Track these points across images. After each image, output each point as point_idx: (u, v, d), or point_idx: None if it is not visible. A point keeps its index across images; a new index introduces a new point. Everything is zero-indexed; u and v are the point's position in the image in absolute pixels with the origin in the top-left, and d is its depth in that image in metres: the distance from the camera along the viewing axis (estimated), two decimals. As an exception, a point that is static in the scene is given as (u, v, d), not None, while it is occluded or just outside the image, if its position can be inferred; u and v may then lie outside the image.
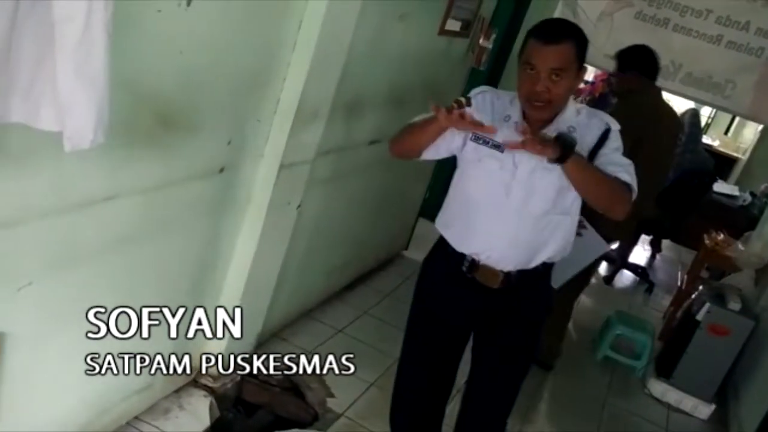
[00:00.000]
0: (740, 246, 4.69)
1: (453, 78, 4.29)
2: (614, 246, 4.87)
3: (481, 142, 2.00)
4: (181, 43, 1.88)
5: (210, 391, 2.73)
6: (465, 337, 2.23)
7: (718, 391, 3.99)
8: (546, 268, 2.12)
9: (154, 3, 1.70)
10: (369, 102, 3.25)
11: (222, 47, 2.07)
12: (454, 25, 3.83)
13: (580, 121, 2.00)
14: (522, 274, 2.06)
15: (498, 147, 1.98)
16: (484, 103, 2.03)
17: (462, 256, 2.07)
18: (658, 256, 6.48)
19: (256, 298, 2.77)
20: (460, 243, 2.08)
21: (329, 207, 3.31)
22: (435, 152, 2.07)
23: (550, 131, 1.92)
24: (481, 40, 4.29)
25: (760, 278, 4.43)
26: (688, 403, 3.96)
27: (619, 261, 5.76)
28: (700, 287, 4.24)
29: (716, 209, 6.34)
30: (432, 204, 5.29)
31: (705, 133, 9.15)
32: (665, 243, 6.66)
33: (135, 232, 2.04)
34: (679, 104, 6.17)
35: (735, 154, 9.00)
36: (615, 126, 2.03)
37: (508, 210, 2.00)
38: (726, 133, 9.81)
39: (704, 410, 3.95)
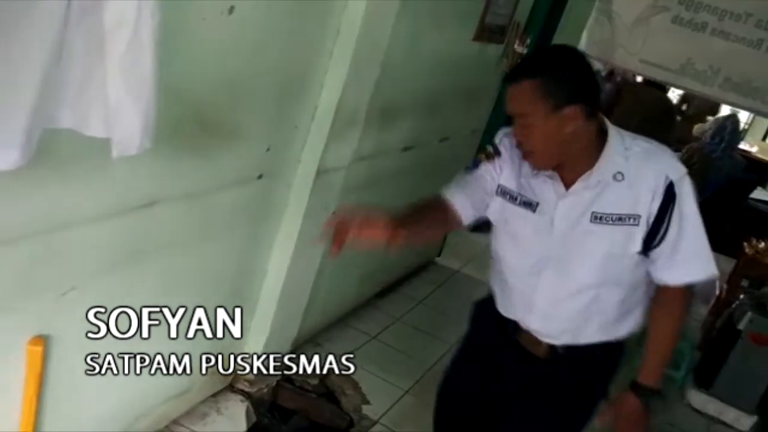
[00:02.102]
0: (781, 256, 4.60)
1: (486, 83, 4.28)
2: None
3: (508, 197, 1.72)
4: (224, 50, 1.90)
5: (246, 395, 2.75)
6: (503, 401, 1.91)
7: (761, 403, 3.89)
8: (610, 345, 1.82)
9: (199, 10, 1.72)
10: (403, 108, 3.25)
11: (263, 54, 2.08)
12: (488, 30, 3.82)
13: (632, 165, 1.62)
14: (572, 349, 1.78)
15: (529, 205, 1.68)
16: (509, 153, 1.74)
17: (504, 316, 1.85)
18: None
19: (291, 303, 2.79)
20: (503, 307, 1.85)
21: (363, 213, 3.30)
22: (469, 215, 1.80)
23: (592, 183, 1.62)
24: (515, 46, 4.27)
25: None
26: (729, 414, 3.88)
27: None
28: (741, 296, 4.16)
29: (755, 216, 6.22)
30: (464, 211, 5.27)
31: (742, 139, 8.99)
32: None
33: (176, 237, 2.06)
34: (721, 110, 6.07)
35: (773, 160, 8.81)
36: (677, 173, 1.63)
37: (547, 280, 1.71)
38: (764, 139, 9.63)
39: (746, 422, 3.86)
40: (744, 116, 8.76)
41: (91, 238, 1.75)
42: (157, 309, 2.10)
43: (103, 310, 1.89)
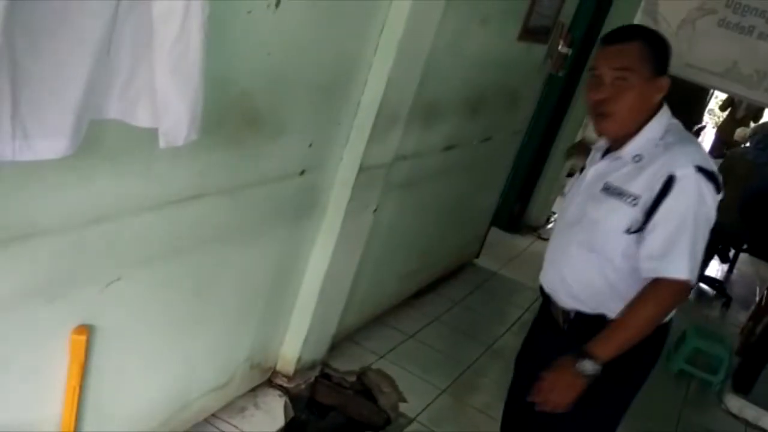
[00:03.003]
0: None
1: (530, 84, 4.23)
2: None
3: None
4: (269, 44, 1.91)
5: (284, 391, 2.76)
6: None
7: None
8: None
9: (245, 4, 1.72)
10: (446, 107, 3.23)
11: (307, 49, 2.09)
12: (533, 30, 3.78)
13: (652, 150, 1.70)
14: (582, 318, 1.84)
15: (582, 170, 1.93)
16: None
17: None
18: (735, 270, 6.26)
19: (331, 300, 2.79)
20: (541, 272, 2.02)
21: (403, 212, 3.30)
22: None
23: (616, 157, 1.75)
24: (559, 46, 4.22)
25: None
26: (766, 419, 3.84)
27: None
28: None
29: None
30: (504, 212, 5.25)
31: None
32: (742, 257, 6.43)
33: (219, 231, 2.07)
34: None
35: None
36: (683, 171, 1.65)
37: (569, 239, 1.85)
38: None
39: None
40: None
41: (136, 230, 1.76)
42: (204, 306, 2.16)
43: (148, 303, 1.93)
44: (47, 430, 1.77)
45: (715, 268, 6.12)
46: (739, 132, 7.78)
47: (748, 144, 5.89)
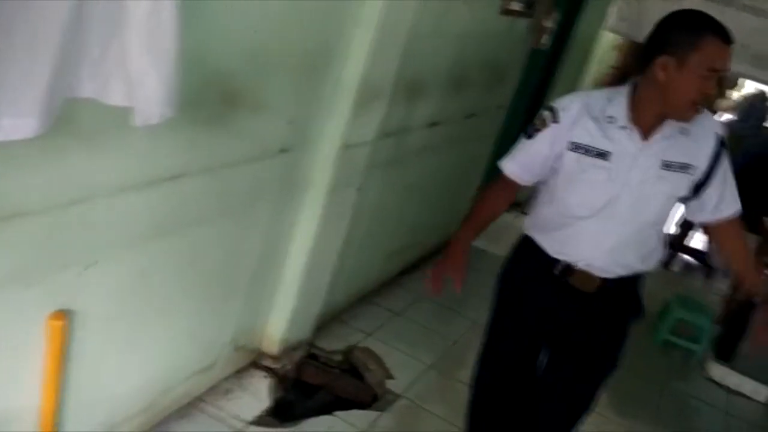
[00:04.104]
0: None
1: (513, 58, 4.20)
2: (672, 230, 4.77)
3: (581, 151, 1.85)
4: (247, 20, 1.86)
5: (270, 372, 2.74)
6: (548, 340, 2.09)
7: None
8: (639, 278, 2.03)
9: (221, -22, 1.68)
10: (429, 83, 3.19)
11: (287, 25, 2.04)
12: (516, 5, 3.74)
13: (693, 123, 1.84)
14: (620, 280, 1.96)
15: (603, 156, 1.83)
16: (577, 117, 1.85)
17: (555, 260, 1.96)
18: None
19: (316, 280, 2.76)
20: (559, 251, 1.96)
21: (388, 190, 3.28)
22: (532, 177, 1.99)
23: (666, 135, 1.82)
24: (543, 21, 4.17)
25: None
26: (747, 386, 3.92)
27: (677, 245, 5.68)
28: (764, 271, 4.10)
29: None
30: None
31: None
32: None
33: (200, 211, 2.04)
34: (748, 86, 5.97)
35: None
36: (722, 130, 1.92)
37: (616, 221, 1.87)
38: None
39: (764, 393, 3.91)
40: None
41: (114, 211, 1.73)
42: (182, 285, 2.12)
43: (128, 285, 1.90)
44: (27, 418, 1.74)
45: (698, 240, 6.17)
46: (722, 103, 7.80)
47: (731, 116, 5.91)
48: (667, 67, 1.72)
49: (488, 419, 2.25)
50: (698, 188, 1.90)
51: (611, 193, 1.85)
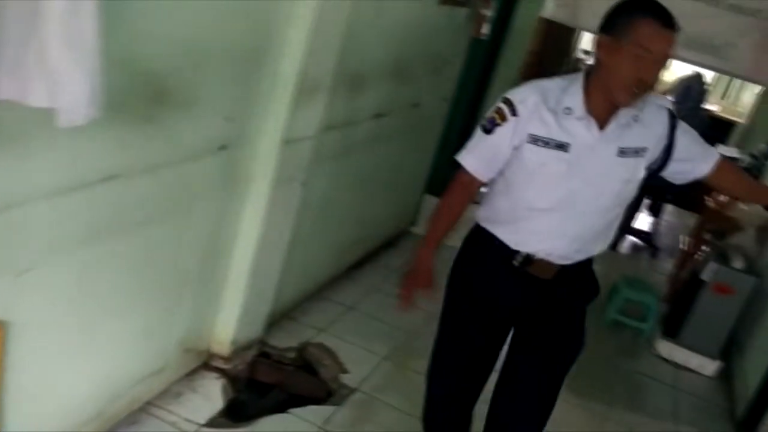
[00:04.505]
0: (742, 206, 4.69)
1: (455, 49, 4.22)
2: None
3: (540, 144, 1.83)
4: (177, 15, 1.83)
5: (222, 373, 2.71)
6: (508, 329, 2.10)
7: (723, 348, 4.04)
8: (592, 260, 2.06)
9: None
10: (371, 75, 3.19)
11: (219, 20, 2.02)
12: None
13: (641, 106, 1.86)
14: (577, 264, 1.99)
15: (562, 147, 1.82)
16: (534, 108, 1.83)
17: (513, 251, 1.94)
18: (661, 222, 6.48)
19: (264, 277, 2.74)
20: (516, 242, 1.94)
21: (335, 183, 3.27)
22: (492, 173, 1.95)
23: (620, 124, 1.83)
24: (481, 9, 4.20)
25: (762, 236, 4.45)
26: (694, 361, 4.02)
27: (623, 227, 5.77)
28: (705, 248, 4.23)
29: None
30: (437, 179, 5.25)
31: (707, 99, 9.14)
32: (668, 208, 6.68)
33: (136, 213, 2.00)
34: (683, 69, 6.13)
35: (734, 118, 8.95)
36: (667, 103, 1.98)
37: (576, 211, 1.89)
38: (722, 97, 9.75)
39: (710, 367, 4.01)
40: (708, 76, 8.88)
41: (46, 216, 1.68)
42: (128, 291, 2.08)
43: (66, 291, 1.85)
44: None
45: (644, 221, 6.31)
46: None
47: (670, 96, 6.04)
48: (604, 46, 1.76)
49: (448, 416, 2.24)
50: (663, 161, 1.95)
51: (571, 185, 1.85)
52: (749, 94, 8.91)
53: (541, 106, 1.83)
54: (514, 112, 1.84)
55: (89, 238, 1.86)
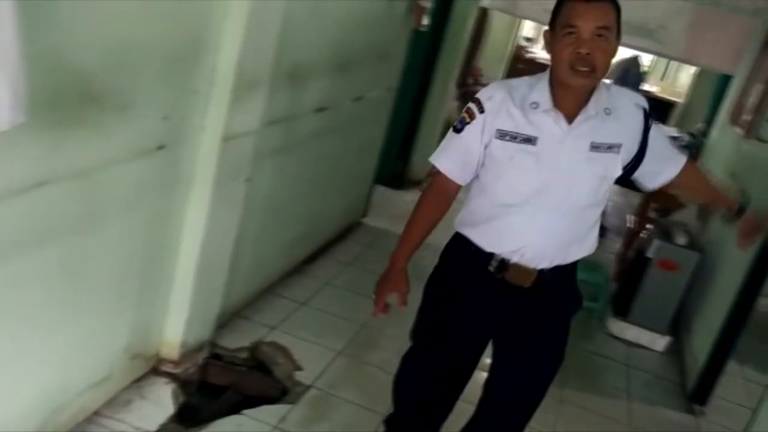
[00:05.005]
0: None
1: (396, 40, 4.22)
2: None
3: (507, 138, 1.84)
4: (106, 13, 1.77)
5: (172, 377, 2.65)
6: (485, 342, 2.08)
7: (672, 323, 4.14)
8: (575, 266, 2.01)
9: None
10: (313, 68, 3.15)
11: (151, 16, 1.96)
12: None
13: (613, 101, 1.87)
14: (556, 270, 1.94)
15: (530, 141, 1.83)
16: (501, 104, 1.85)
17: (489, 256, 1.92)
18: (608, 202, 6.61)
19: (211, 277, 2.69)
20: (490, 244, 1.92)
21: (282, 178, 3.23)
22: (467, 174, 1.94)
23: (590, 116, 1.82)
24: (420, 0, 4.20)
25: (703, 213, 4.57)
26: (645, 337, 4.12)
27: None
28: (649, 226, 4.32)
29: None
30: (386, 169, 5.26)
31: (645, 80, 9.36)
32: (614, 188, 6.79)
33: (73, 217, 1.93)
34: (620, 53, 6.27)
35: (673, 99, 9.18)
36: (643, 101, 1.97)
37: (548, 206, 1.86)
38: (662, 78, 9.99)
39: (660, 342, 4.11)
40: (646, 58, 9.10)
41: (-27, 227, 1.61)
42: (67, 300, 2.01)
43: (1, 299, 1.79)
44: None
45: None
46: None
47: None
48: (547, 39, 1.83)
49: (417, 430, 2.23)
50: (637, 161, 1.94)
51: (541, 179, 1.84)
52: (686, 74, 9.13)
53: (508, 102, 1.85)
54: (482, 110, 1.86)
55: (18, 246, 1.78)
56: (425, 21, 4.39)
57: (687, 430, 3.40)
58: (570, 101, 1.82)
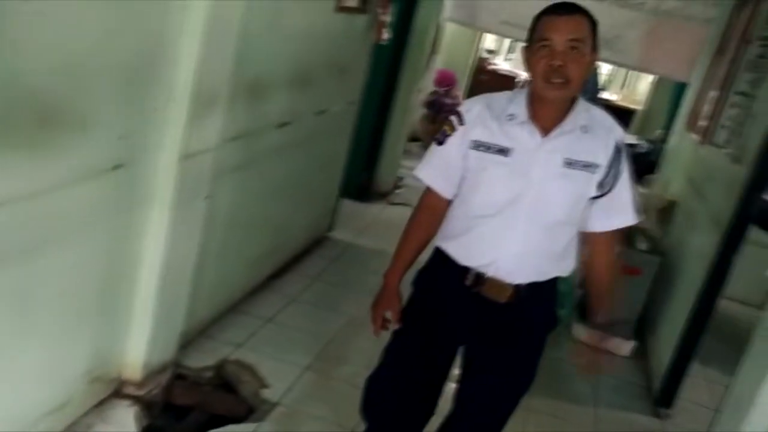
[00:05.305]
0: (642, 189, 4.89)
1: (357, 54, 4.23)
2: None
3: (482, 149, 1.87)
4: (58, 32, 1.75)
5: (135, 399, 2.61)
6: (457, 352, 2.08)
7: (637, 328, 4.19)
8: (554, 281, 2.00)
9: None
10: (273, 83, 3.15)
11: (105, 36, 1.94)
12: (351, 1, 3.76)
13: (594, 121, 1.87)
14: (533, 287, 1.94)
15: (503, 152, 1.85)
16: (479, 116, 1.89)
17: (465, 270, 1.93)
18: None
19: (173, 297, 2.65)
20: (466, 256, 1.93)
21: (245, 195, 3.21)
22: (451, 186, 1.97)
23: (565, 131, 1.83)
24: (380, 15, 4.23)
25: (663, 217, 4.65)
26: (610, 343, 4.06)
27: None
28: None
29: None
30: (352, 182, 5.27)
31: (605, 90, 9.54)
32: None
33: (22, 242, 1.89)
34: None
35: (632, 106, 9.34)
36: (621, 135, 1.92)
37: (520, 219, 1.86)
38: (622, 87, 10.17)
39: (625, 347, 4.13)
40: (606, 68, 9.27)
41: None
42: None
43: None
44: None
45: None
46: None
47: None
48: (524, 55, 1.86)
49: None
50: (597, 191, 1.90)
51: (513, 190, 1.85)
52: (645, 83, 9.30)
53: (485, 114, 1.88)
54: (462, 122, 1.90)
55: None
56: (386, 35, 4.42)
57: (653, 434, 3.44)
58: (547, 115, 1.83)
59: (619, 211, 1.95)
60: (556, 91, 1.79)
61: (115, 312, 2.44)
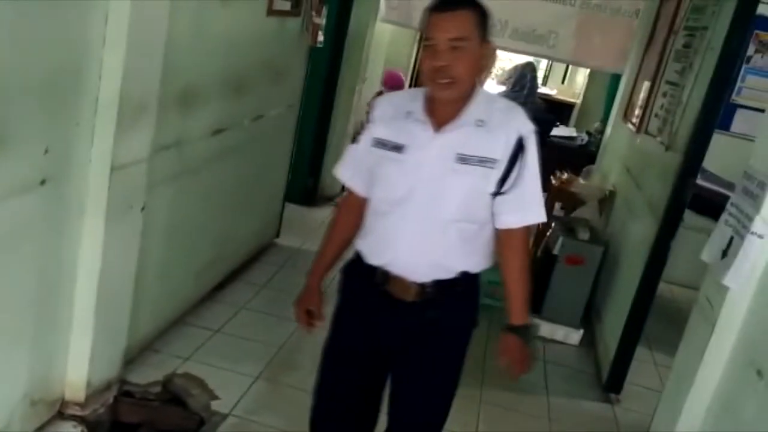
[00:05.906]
0: (582, 181, 5.00)
1: (292, 58, 4.21)
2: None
3: (380, 146, 1.88)
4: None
5: (79, 420, 2.54)
6: (385, 355, 2.01)
7: (584, 317, 4.26)
8: (469, 278, 1.93)
9: None
10: (204, 91, 3.11)
11: (21, 50, 1.89)
12: (283, 4, 3.74)
13: (492, 115, 1.82)
14: (439, 285, 1.89)
15: (398, 149, 1.84)
16: (382, 114, 1.91)
17: (374, 268, 1.92)
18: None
19: (112, 312, 2.59)
20: (371, 254, 1.93)
21: (183, 204, 3.16)
22: (365, 184, 1.96)
23: (458, 126, 1.80)
24: (313, 18, 4.21)
25: (603, 207, 4.75)
26: (559, 332, 4.21)
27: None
28: (553, 224, 4.46)
29: (558, 152, 6.69)
30: (297, 187, 5.24)
31: (545, 84, 9.68)
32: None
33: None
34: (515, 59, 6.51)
35: (572, 100, 9.50)
36: (527, 130, 1.83)
37: (413, 216, 1.83)
38: (563, 81, 10.32)
39: (574, 336, 4.22)
40: (543, 62, 9.42)
41: None
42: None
43: None
44: None
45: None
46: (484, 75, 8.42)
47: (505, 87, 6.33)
48: (419, 54, 1.85)
49: None
50: (498, 187, 1.84)
51: (405, 187, 1.83)
52: (582, 76, 9.45)
53: (388, 112, 1.91)
54: (368, 120, 1.96)
55: None
56: (320, 38, 4.40)
57: (604, 419, 3.49)
58: (442, 111, 1.82)
59: (525, 208, 1.88)
60: (444, 91, 1.78)
61: (52, 330, 2.38)
